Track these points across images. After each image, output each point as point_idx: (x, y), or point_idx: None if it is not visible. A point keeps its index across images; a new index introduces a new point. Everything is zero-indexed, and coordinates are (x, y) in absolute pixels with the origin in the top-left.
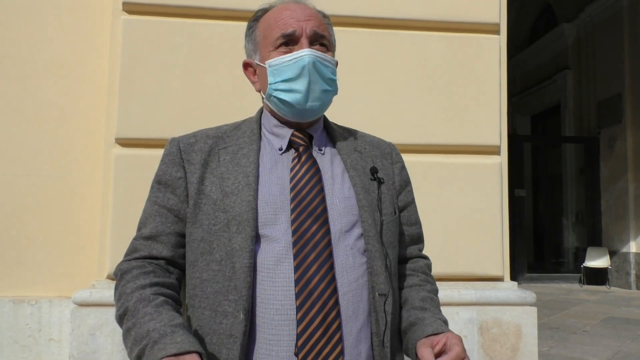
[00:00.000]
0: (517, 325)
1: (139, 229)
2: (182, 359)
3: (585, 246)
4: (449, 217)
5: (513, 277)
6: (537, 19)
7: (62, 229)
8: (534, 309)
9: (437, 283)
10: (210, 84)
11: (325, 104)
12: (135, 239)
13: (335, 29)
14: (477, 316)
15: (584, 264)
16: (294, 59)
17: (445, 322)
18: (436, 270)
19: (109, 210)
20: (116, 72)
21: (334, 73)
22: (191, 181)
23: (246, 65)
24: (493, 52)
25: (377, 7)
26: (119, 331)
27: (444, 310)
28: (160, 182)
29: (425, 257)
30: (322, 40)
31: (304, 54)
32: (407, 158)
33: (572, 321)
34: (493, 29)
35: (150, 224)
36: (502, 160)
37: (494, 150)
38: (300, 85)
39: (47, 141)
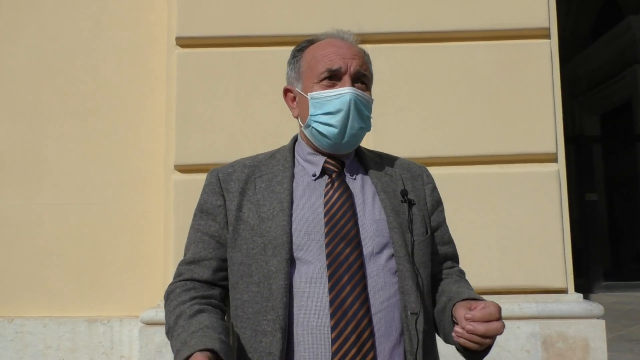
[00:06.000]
0: (584, 339)
1: (184, 254)
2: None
3: None
4: (506, 229)
5: (587, 286)
6: (599, 14)
7: (130, 253)
8: (602, 322)
9: (497, 297)
10: (260, 109)
11: (359, 139)
12: (180, 264)
13: (380, 46)
14: (540, 330)
15: None
16: (337, 94)
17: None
18: (495, 283)
19: (171, 233)
20: (173, 103)
21: (370, 111)
22: (230, 208)
23: (286, 91)
24: (544, 56)
25: (419, 22)
26: None
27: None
28: (202, 211)
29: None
30: (363, 79)
31: (347, 91)
32: (458, 170)
33: None
34: (543, 34)
35: (192, 249)
36: (559, 167)
37: (550, 158)
38: (339, 120)
39: (113, 171)
